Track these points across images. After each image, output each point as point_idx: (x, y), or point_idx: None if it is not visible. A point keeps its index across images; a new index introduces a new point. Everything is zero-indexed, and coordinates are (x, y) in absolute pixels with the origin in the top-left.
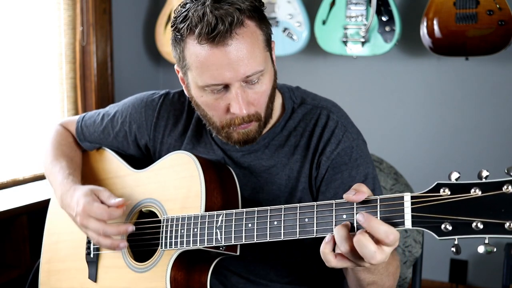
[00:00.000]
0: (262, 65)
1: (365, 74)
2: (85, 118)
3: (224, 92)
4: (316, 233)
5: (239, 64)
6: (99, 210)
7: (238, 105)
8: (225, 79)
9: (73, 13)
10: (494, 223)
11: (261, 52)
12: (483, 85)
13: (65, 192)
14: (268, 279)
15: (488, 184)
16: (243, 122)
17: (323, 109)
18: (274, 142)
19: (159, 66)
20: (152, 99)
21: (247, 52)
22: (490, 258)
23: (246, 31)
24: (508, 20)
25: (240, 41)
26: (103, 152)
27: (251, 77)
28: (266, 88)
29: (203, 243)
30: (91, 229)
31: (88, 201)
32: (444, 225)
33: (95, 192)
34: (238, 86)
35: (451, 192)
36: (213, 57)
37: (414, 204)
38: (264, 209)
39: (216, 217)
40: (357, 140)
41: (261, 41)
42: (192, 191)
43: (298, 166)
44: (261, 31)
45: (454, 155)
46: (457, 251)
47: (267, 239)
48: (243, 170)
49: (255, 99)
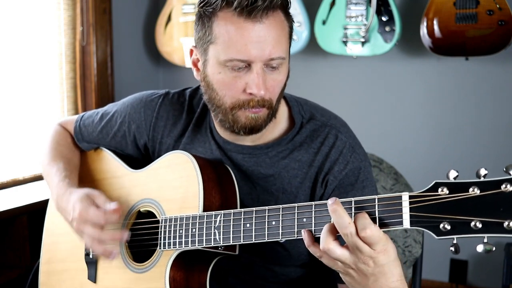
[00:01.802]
0: (285, 53)
1: (365, 74)
2: (83, 118)
3: (245, 71)
4: (314, 233)
5: (267, 44)
6: (95, 215)
7: (258, 85)
8: (250, 56)
9: (73, 13)
10: (493, 222)
11: (286, 40)
12: (483, 85)
13: (61, 195)
14: (265, 280)
15: (487, 183)
16: (257, 105)
17: (331, 128)
18: (276, 153)
19: (159, 66)
20: (151, 99)
21: (276, 35)
22: (490, 258)
23: (277, 16)
24: (508, 20)
25: (272, 23)
26: (101, 152)
27: (274, 61)
28: (283, 78)
29: (202, 243)
30: (87, 235)
31: (84, 206)
32: (442, 225)
33: (91, 197)
34: (260, 67)
35: (449, 191)
36: (244, 31)
37: (412, 203)
38: (262, 209)
39: (214, 217)
40: (365, 162)
41: (287, 31)
42: (190, 191)
43: (298, 182)
44: (288, 22)
45: (454, 155)
46: (456, 250)
47: (265, 239)
48: (240, 172)
49: (271, 86)
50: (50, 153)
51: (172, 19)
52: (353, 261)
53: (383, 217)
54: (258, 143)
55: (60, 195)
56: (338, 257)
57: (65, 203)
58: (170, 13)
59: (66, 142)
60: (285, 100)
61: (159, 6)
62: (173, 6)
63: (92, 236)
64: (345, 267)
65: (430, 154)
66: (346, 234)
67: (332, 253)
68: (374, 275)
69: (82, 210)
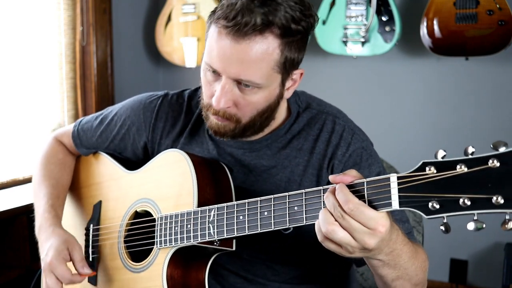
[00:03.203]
0: (261, 80)
1: (365, 74)
2: (81, 123)
3: (217, 78)
4: (306, 220)
5: (236, 64)
6: (62, 273)
7: (217, 97)
8: (218, 68)
9: (73, 13)
10: (481, 198)
11: (267, 68)
12: (483, 85)
13: (44, 228)
14: (266, 278)
15: (474, 160)
16: (217, 115)
17: (328, 115)
18: (276, 144)
19: (159, 66)
20: (151, 100)
21: (250, 59)
22: (490, 258)
23: (261, 41)
24: (508, 20)
25: (250, 46)
26: (99, 156)
27: (244, 82)
28: (258, 101)
29: (197, 238)
30: (47, 283)
31: (56, 259)
32: (431, 204)
33: (69, 248)
34: (228, 82)
35: (437, 170)
36: (220, 43)
37: (401, 184)
38: (255, 200)
39: (208, 211)
40: (366, 142)
41: (274, 60)
42: (184, 188)
43: (301, 170)
44: (280, 52)
45: (454, 155)
46: (446, 229)
47: (258, 230)
48: (242, 168)
49: (240, 103)
50: (40, 172)
51: (172, 19)
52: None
53: (373, 199)
54: (257, 137)
55: (42, 227)
56: (341, 239)
57: (44, 239)
58: (170, 13)
59: (57, 159)
60: None
61: (159, 6)
62: (173, 6)
63: (51, 287)
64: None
65: (429, 154)
66: (337, 216)
67: (334, 235)
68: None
69: (53, 260)
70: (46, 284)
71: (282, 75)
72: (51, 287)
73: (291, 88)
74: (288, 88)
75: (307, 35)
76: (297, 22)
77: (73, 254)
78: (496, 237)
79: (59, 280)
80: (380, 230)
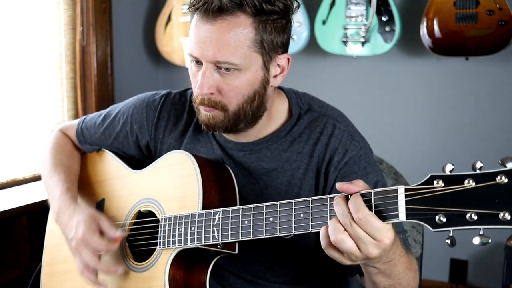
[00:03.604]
0: (239, 60)
1: (365, 74)
2: (85, 120)
3: (199, 68)
4: (312, 228)
5: (211, 46)
6: (98, 244)
7: (199, 84)
8: (197, 55)
9: (73, 13)
10: (488, 213)
11: (243, 47)
12: (482, 85)
13: (64, 209)
14: (266, 279)
15: (482, 175)
16: (203, 104)
17: (329, 118)
18: (277, 146)
19: (159, 66)
20: (154, 99)
21: (225, 39)
22: (490, 258)
23: (233, 21)
24: (508, 20)
25: (224, 27)
26: (103, 154)
27: (223, 64)
28: (241, 85)
29: (201, 241)
30: (83, 259)
31: (89, 230)
32: (438, 217)
33: (96, 220)
34: (208, 67)
35: (445, 184)
36: (196, 30)
37: (408, 196)
38: (260, 206)
39: (213, 215)
40: (365, 149)
41: (249, 38)
42: (189, 190)
43: (301, 174)
44: (254, 30)
45: (454, 155)
46: (452, 243)
47: (263, 235)
48: (243, 170)
49: (223, 89)
50: (50, 162)
51: (172, 19)
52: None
53: (379, 210)
54: (257, 138)
55: (62, 209)
56: (348, 248)
57: (68, 218)
58: (170, 13)
59: (66, 149)
60: (284, 93)
61: (159, 6)
62: (173, 6)
63: (88, 262)
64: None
65: (429, 154)
66: (346, 223)
67: (342, 244)
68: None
69: (86, 233)
70: (82, 261)
71: (263, 57)
72: (88, 261)
73: (279, 76)
74: (276, 75)
75: (284, 16)
76: (271, 3)
77: (101, 224)
78: (496, 237)
79: (94, 253)
80: (385, 242)
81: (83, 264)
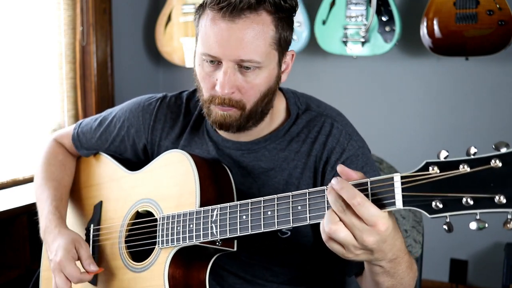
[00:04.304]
0: (261, 58)
1: (365, 74)
2: (81, 125)
3: (216, 67)
4: (310, 219)
5: (235, 45)
6: (71, 272)
7: (222, 84)
8: (218, 54)
9: (73, 13)
10: (484, 197)
11: (265, 45)
12: (482, 85)
13: (49, 229)
14: (265, 279)
15: (477, 160)
16: (222, 103)
17: (327, 117)
18: (275, 145)
19: (159, 66)
20: (149, 103)
21: (249, 37)
22: (490, 258)
23: (256, 19)
24: (508, 20)
25: (247, 24)
26: (99, 157)
27: (245, 62)
28: (260, 83)
29: (199, 238)
30: (57, 282)
31: (66, 258)
32: (434, 203)
33: (76, 247)
34: (229, 66)
35: (440, 170)
36: (216, 28)
37: (404, 184)
38: (258, 200)
39: (211, 211)
40: (362, 149)
41: (270, 36)
42: (186, 188)
43: (298, 173)
44: (274, 28)
45: (454, 155)
46: (449, 228)
47: (261, 229)
48: (240, 169)
49: (243, 87)
50: (41, 175)
51: (172, 19)
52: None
53: (376, 199)
54: (256, 138)
55: (48, 228)
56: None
57: (51, 240)
58: (170, 13)
59: (57, 161)
60: (282, 92)
61: (159, 6)
62: (173, 6)
63: (60, 286)
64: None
65: (429, 154)
66: (339, 210)
67: (337, 235)
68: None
69: (62, 260)
70: (56, 284)
71: (279, 54)
72: (60, 286)
73: (285, 72)
74: (283, 71)
75: (293, 14)
76: (286, 0)
77: (80, 252)
78: (496, 237)
79: (68, 279)
80: (380, 228)
81: (57, 287)
